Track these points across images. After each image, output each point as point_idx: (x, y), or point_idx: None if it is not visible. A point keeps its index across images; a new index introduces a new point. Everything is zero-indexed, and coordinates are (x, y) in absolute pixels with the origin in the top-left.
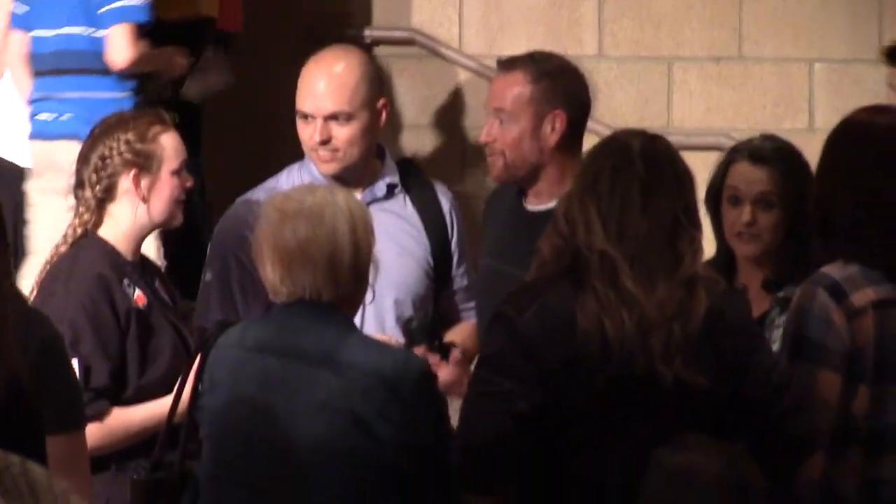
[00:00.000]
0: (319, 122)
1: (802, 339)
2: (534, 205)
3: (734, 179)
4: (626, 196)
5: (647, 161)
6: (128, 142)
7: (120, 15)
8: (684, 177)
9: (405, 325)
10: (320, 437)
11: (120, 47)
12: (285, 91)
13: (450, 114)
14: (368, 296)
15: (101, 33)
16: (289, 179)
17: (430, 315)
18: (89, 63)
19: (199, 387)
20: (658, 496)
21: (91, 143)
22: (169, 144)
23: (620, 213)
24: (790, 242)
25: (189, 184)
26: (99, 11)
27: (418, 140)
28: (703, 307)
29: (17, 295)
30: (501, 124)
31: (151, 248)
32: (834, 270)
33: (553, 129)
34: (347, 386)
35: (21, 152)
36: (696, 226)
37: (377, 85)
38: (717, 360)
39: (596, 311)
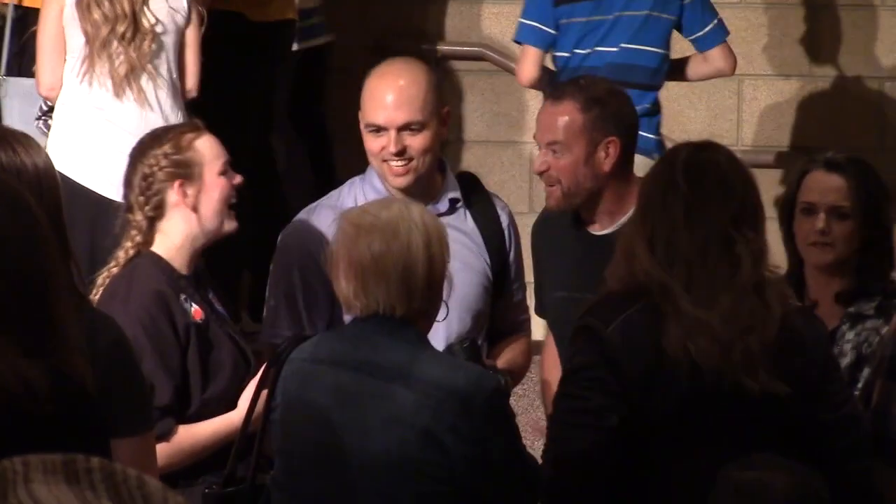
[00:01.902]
0: (393, 133)
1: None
2: (597, 230)
3: (808, 189)
4: (672, 216)
5: (689, 175)
6: (165, 155)
7: None
8: (734, 181)
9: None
10: (391, 452)
11: None
12: (357, 103)
13: (519, 129)
14: (442, 312)
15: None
16: (350, 193)
17: (473, 342)
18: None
19: (272, 400)
20: None
21: (131, 166)
22: (206, 148)
23: (668, 233)
24: (863, 255)
25: (237, 181)
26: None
27: (487, 155)
28: (776, 314)
29: (82, 302)
30: (555, 154)
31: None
32: None
33: (607, 154)
34: (420, 401)
35: (110, 184)
36: (754, 227)
37: (440, 93)
38: (792, 377)
39: (678, 336)
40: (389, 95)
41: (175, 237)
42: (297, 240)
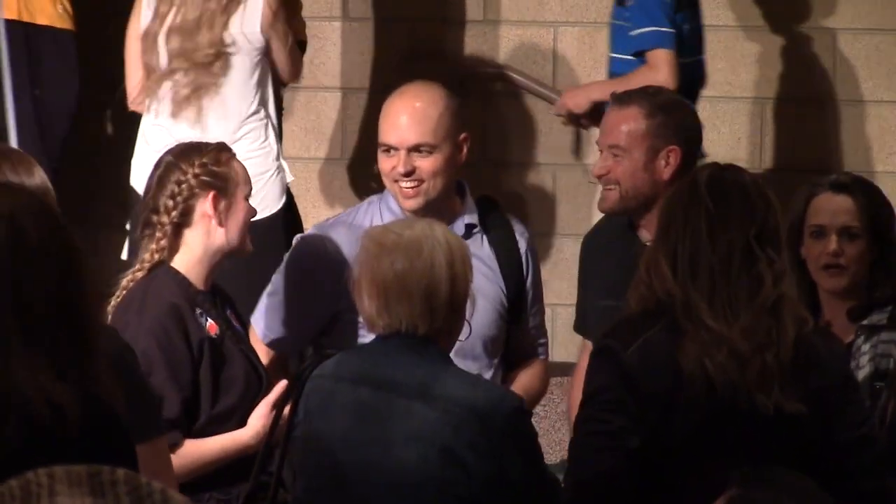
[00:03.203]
0: (403, 153)
1: None
2: (648, 237)
3: (817, 212)
4: (696, 232)
5: (712, 192)
6: (203, 165)
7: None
8: (756, 201)
9: None
10: (412, 469)
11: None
12: (376, 124)
13: (539, 151)
14: (465, 332)
15: None
16: (367, 212)
17: None
18: None
19: (294, 418)
20: None
21: (165, 169)
22: (240, 169)
23: (691, 251)
24: (873, 271)
25: (255, 215)
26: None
27: (507, 176)
28: (791, 333)
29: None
30: (616, 158)
31: None
32: None
33: (667, 163)
34: (440, 418)
35: None
36: (775, 247)
37: (459, 119)
38: (809, 396)
39: (695, 352)
40: (403, 116)
41: (197, 249)
42: (308, 248)
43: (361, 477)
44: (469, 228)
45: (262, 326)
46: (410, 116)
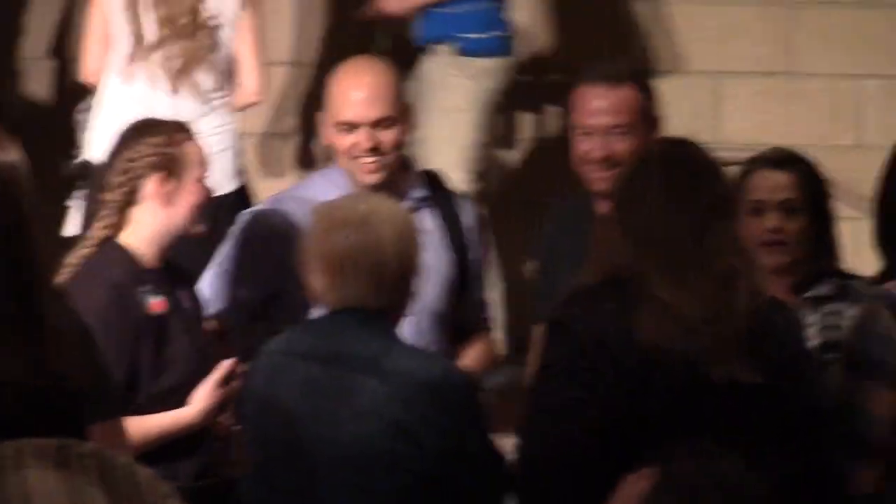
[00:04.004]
0: (366, 129)
1: (863, 356)
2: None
3: (755, 189)
4: (648, 204)
5: (665, 164)
6: (155, 145)
7: None
8: (708, 172)
9: None
10: (363, 443)
11: None
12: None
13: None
14: (414, 306)
15: None
16: (315, 186)
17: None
18: None
19: (244, 393)
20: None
21: (119, 145)
22: (194, 152)
23: (644, 223)
24: (816, 246)
25: (211, 194)
26: None
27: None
28: (744, 304)
29: (55, 294)
30: (620, 136)
31: None
32: None
33: (656, 130)
34: (391, 393)
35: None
36: (729, 217)
37: (404, 89)
38: (766, 368)
39: (650, 324)
40: (359, 92)
41: (144, 228)
42: (256, 223)
43: (313, 452)
44: (418, 202)
45: (206, 297)
46: (368, 92)
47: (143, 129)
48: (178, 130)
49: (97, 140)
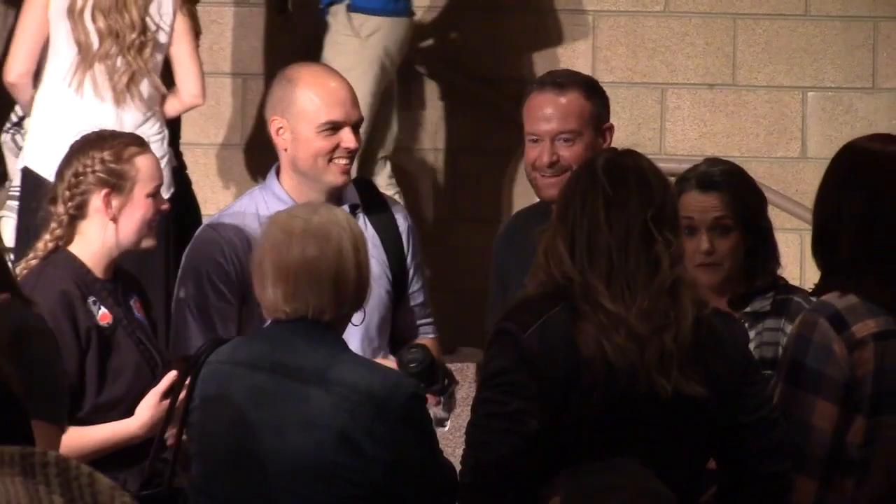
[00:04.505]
0: (348, 130)
1: (802, 367)
2: None
3: (687, 209)
4: (593, 215)
5: (610, 175)
6: (102, 160)
7: None
8: (653, 184)
9: (404, 369)
10: (308, 454)
11: None
12: None
13: (439, 137)
14: (358, 316)
15: None
16: (252, 202)
17: (428, 357)
18: None
19: (189, 403)
20: None
21: (67, 158)
22: (144, 167)
23: (589, 234)
24: (749, 260)
25: (164, 207)
26: None
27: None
28: (689, 315)
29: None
30: (566, 143)
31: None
32: (834, 300)
33: (605, 140)
34: (337, 404)
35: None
36: (673, 230)
37: None
38: (711, 379)
39: (593, 334)
40: (342, 92)
41: (93, 241)
42: (203, 252)
43: (258, 462)
44: (353, 209)
45: (195, 340)
46: (346, 94)
47: (93, 143)
48: (129, 144)
49: (35, 147)
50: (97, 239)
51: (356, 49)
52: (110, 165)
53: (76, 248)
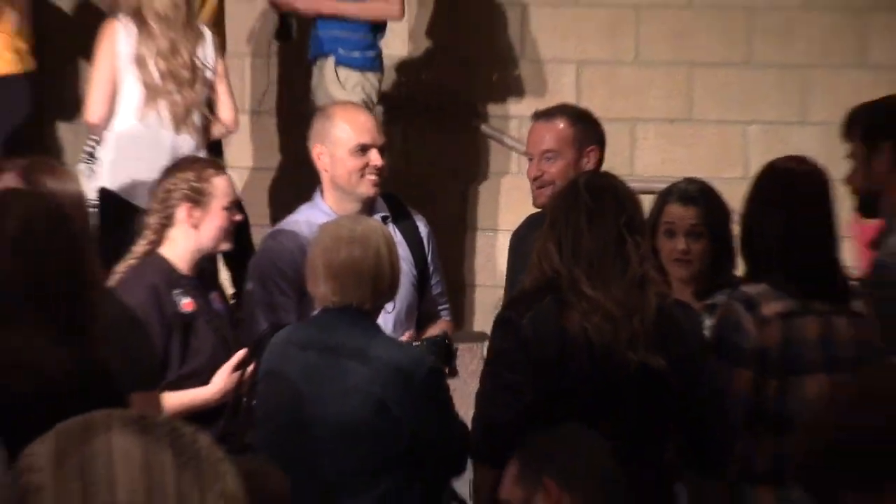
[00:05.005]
0: (375, 151)
1: (722, 341)
2: None
3: (669, 216)
4: (576, 223)
5: (590, 191)
6: (187, 180)
7: None
8: (625, 198)
9: (428, 349)
10: (350, 417)
11: None
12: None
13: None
14: (391, 305)
15: None
16: (303, 216)
17: (445, 340)
18: None
19: (256, 376)
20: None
21: (161, 179)
22: (220, 185)
23: (574, 238)
24: (714, 262)
25: (237, 218)
26: None
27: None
28: (653, 303)
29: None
30: (549, 161)
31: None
32: (749, 288)
33: (588, 160)
34: (372, 376)
35: (137, 189)
36: (641, 233)
37: None
38: (670, 354)
39: (577, 318)
40: (370, 121)
41: (178, 245)
42: (267, 257)
43: (308, 425)
44: (384, 219)
45: (261, 325)
46: (373, 122)
47: (179, 166)
48: (208, 167)
49: (111, 170)
50: (182, 243)
51: (342, 97)
52: (192, 184)
53: (165, 251)
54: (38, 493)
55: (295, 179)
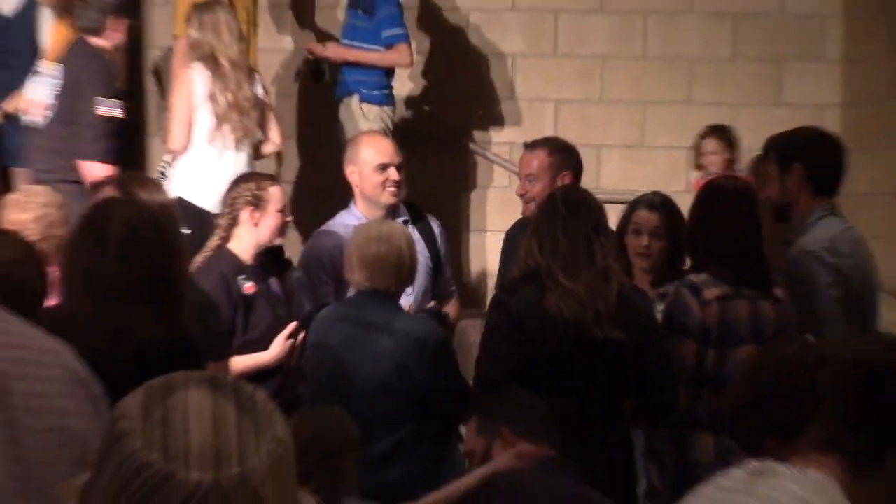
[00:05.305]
0: (394, 168)
1: (672, 318)
2: None
3: (637, 219)
4: (554, 227)
5: (565, 202)
6: (249, 189)
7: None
8: (593, 207)
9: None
10: (377, 376)
11: None
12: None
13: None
14: (410, 289)
15: None
16: (341, 221)
17: (438, 311)
18: None
19: (304, 345)
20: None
21: (228, 189)
22: (275, 192)
23: (551, 239)
24: (669, 259)
25: (288, 219)
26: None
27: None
28: (614, 289)
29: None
30: (530, 182)
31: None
32: (694, 277)
33: (563, 183)
34: (395, 344)
35: (206, 197)
36: (605, 235)
37: None
38: (627, 330)
39: (554, 301)
40: (390, 143)
41: (243, 240)
42: (312, 252)
43: (347, 381)
44: (405, 223)
45: (306, 304)
46: (392, 147)
47: (242, 178)
48: (265, 179)
49: (185, 182)
50: (246, 239)
51: (365, 126)
52: (254, 192)
53: (233, 245)
54: (127, 436)
55: (315, 191)
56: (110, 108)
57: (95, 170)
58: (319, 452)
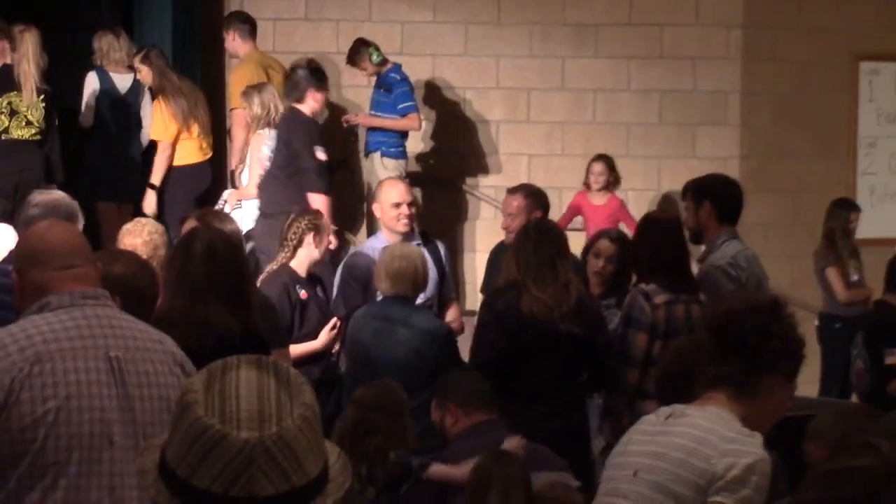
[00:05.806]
0: (406, 206)
1: (629, 318)
2: None
3: (599, 246)
4: (527, 250)
5: (536, 231)
6: (309, 220)
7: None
8: (557, 235)
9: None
10: (399, 358)
11: None
12: None
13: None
14: (422, 295)
15: None
16: (369, 246)
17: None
18: None
19: (344, 335)
20: None
21: (290, 220)
22: (328, 224)
23: (525, 259)
24: (617, 276)
25: (334, 245)
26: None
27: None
28: (573, 296)
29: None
30: (511, 219)
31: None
32: (645, 286)
33: (534, 217)
34: (413, 335)
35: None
36: (566, 257)
37: None
38: (584, 326)
39: (528, 304)
40: (402, 188)
41: (303, 259)
42: (348, 268)
43: (377, 364)
44: (418, 245)
45: (340, 306)
46: (405, 189)
47: (301, 213)
48: (318, 213)
49: (248, 216)
50: (305, 257)
51: (385, 175)
52: (314, 222)
53: (293, 263)
54: (193, 405)
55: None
56: (321, 154)
57: (319, 201)
58: (386, 413)
